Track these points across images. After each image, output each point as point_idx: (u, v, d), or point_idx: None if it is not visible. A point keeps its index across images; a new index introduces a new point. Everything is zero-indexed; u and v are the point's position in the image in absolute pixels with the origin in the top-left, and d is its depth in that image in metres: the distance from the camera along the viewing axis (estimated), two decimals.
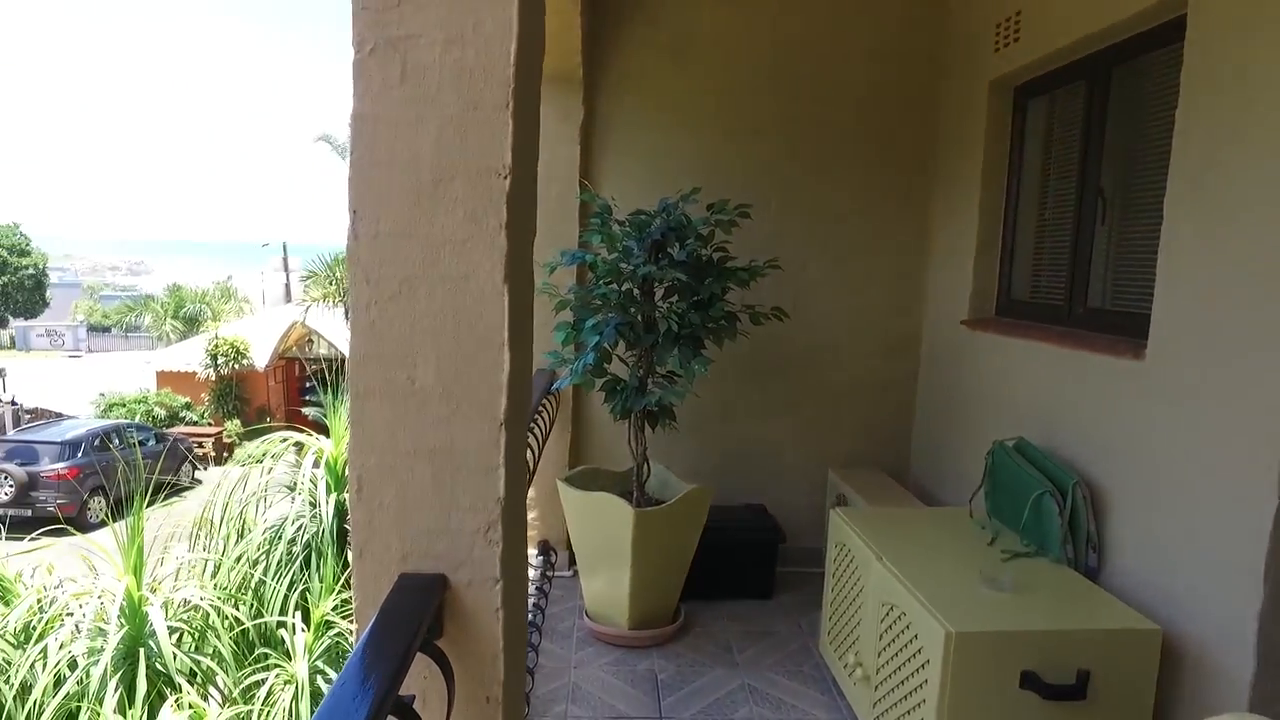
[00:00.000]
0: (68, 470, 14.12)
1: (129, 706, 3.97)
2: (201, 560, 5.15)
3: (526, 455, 1.88)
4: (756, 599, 4.04)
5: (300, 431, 5.85)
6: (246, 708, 3.94)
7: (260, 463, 5.63)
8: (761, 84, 4.20)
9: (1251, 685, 2.07)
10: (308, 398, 19.17)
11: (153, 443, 15.21)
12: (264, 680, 4.15)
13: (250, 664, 4.43)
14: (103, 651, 4.12)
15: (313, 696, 4.00)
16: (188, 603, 4.61)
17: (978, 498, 3.22)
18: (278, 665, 4.22)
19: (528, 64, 1.33)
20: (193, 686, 4.16)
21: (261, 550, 5.05)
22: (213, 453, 18.51)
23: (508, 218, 1.29)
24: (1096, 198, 3.07)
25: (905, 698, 2.50)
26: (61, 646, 4.23)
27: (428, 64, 1.28)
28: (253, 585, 4.90)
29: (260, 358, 20.18)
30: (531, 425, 3.10)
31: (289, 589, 4.82)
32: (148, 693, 4.04)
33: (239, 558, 4.99)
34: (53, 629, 4.40)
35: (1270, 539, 2.01)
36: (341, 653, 4.34)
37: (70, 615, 4.55)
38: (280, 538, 5.05)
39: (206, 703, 4.10)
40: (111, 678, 4.03)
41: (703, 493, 3.56)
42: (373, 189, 1.30)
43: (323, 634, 4.26)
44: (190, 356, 20.64)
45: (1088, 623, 2.37)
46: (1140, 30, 2.75)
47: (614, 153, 4.22)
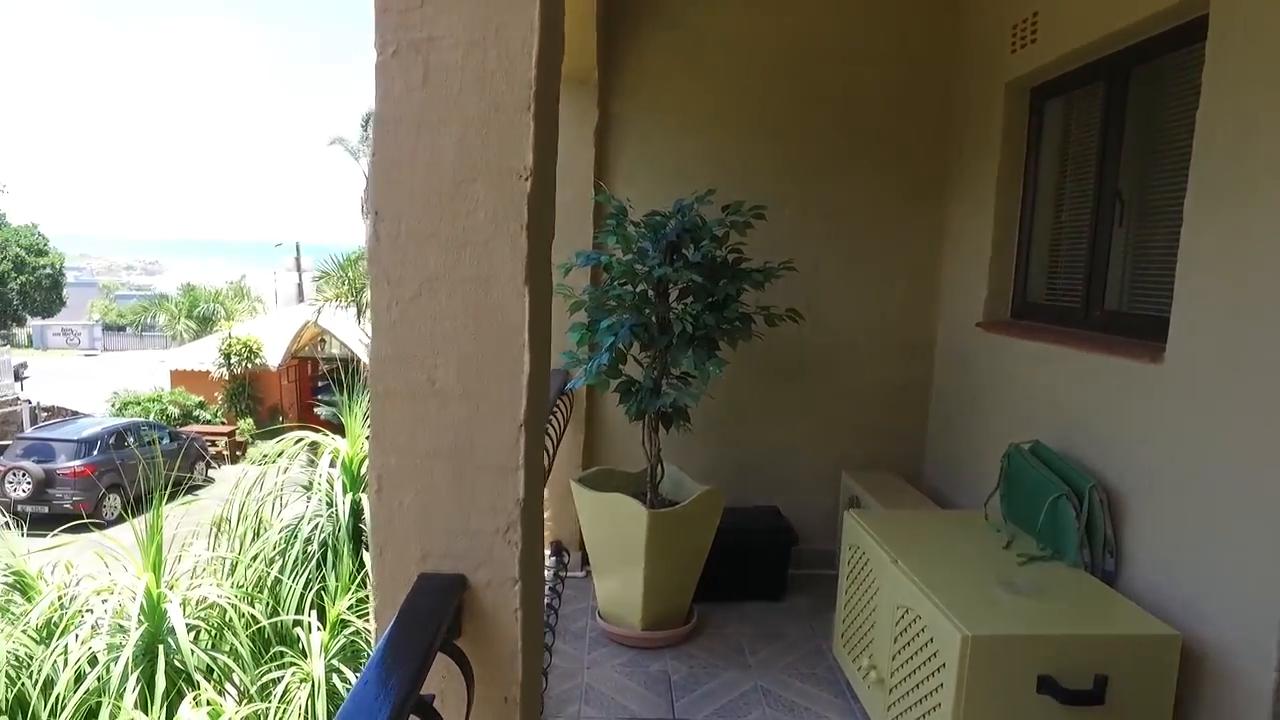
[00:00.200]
0: (84, 468, 14.26)
1: (149, 702, 4.01)
2: (219, 558, 5.19)
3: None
4: (769, 601, 4.04)
5: (314, 431, 5.87)
6: (264, 705, 3.97)
7: (276, 461, 5.66)
8: (776, 85, 4.19)
9: (1274, 694, 2.04)
10: (320, 397, 19.33)
11: (167, 441, 15.34)
12: (280, 678, 4.18)
13: (267, 662, 4.46)
14: (123, 648, 4.16)
15: (329, 695, 4.03)
16: (204, 600, 4.65)
17: (993, 501, 3.20)
18: (294, 663, 4.24)
19: (548, 66, 1.33)
20: (210, 683, 4.19)
21: (278, 549, 5.08)
22: (226, 451, 18.64)
23: (529, 219, 1.29)
24: (1114, 200, 3.05)
25: (920, 701, 2.48)
26: (81, 643, 4.27)
27: (450, 66, 1.28)
28: (269, 584, 4.93)
29: (273, 357, 20.29)
30: (546, 426, 3.10)
31: (305, 588, 4.85)
32: (166, 689, 4.07)
33: (255, 556, 5.02)
34: (74, 625, 4.44)
35: None
36: (357, 652, 4.36)
37: (89, 612, 4.59)
38: (296, 537, 5.08)
39: (223, 699, 4.13)
40: (131, 674, 4.07)
41: (716, 494, 3.55)
42: (395, 190, 1.30)
43: (338, 633, 4.29)
44: (204, 356, 20.77)
45: (1106, 628, 2.35)
46: (1160, 30, 2.72)
47: (629, 154, 4.22)
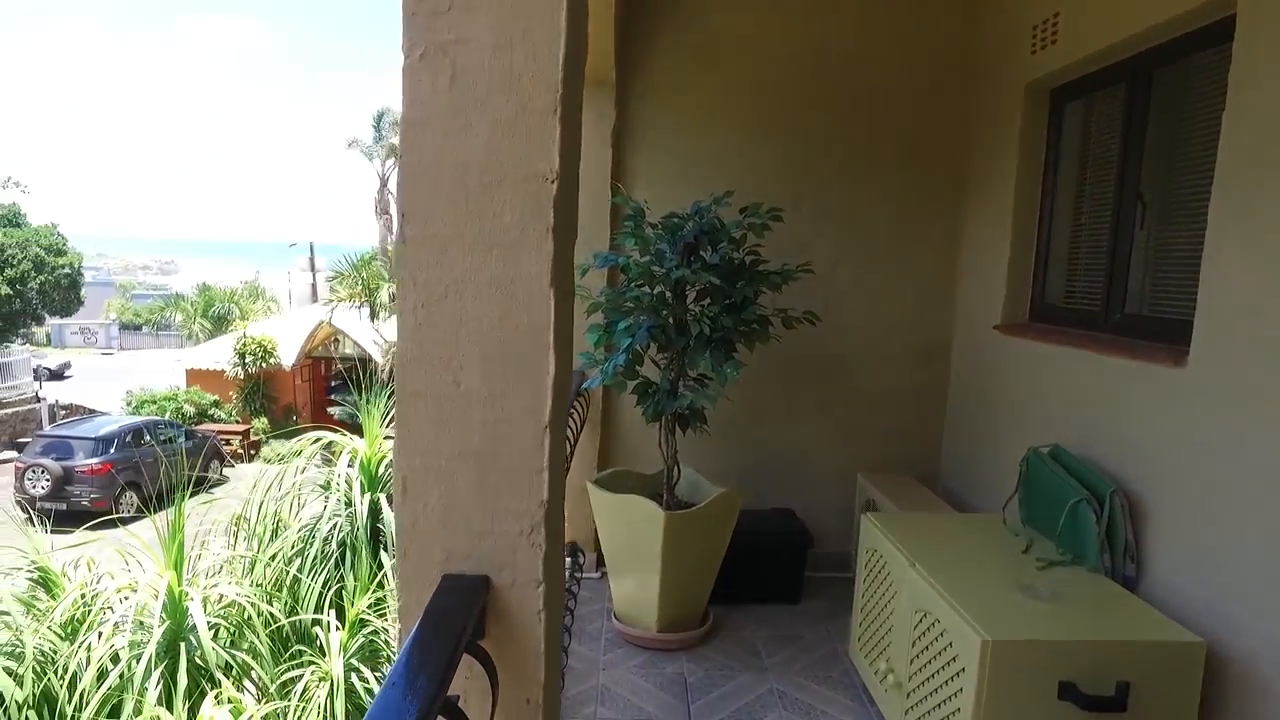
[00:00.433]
0: (101, 465, 14.40)
1: (171, 699, 4.04)
2: (238, 557, 5.22)
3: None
4: (784, 603, 4.03)
5: (332, 430, 5.90)
6: (284, 703, 4.00)
7: (293, 460, 5.69)
8: (794, 87, 4.18)
9: None
10: (333, 396, 19.41)
11: (182, 439, 15.46)
12: (299, 677, 4.21)
13: (286, 660, 4.49)
14: (145, 645, 4.19)
15: (347, 694, 4.05)
16: (223, 598, 4.68)
17: (1011, 505, 3.18)
18: (312, 662, 4.27)
19: (573, 68, 1.33)
20: (229, 681, 4.22)
21: (296, 548, 5.10)
22: (240, 450, 18.76)
23: (555, 222, 1.30)
24: (1136, 202, 3.02)
25: (939, 706, 2.47)
26: (103, 639, 4.30)
27: (477, 68, 1.28)
28: (287, 582, 4.96)
29: (287, 356, 20.41)
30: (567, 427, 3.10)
31: (323, 587, 4.87)
32: (188, 687, 4.10)
33: (274, 555, 5.05)
34: (97, 623, 4.48)
35: None
36: (375, 651, 4.38)
37: (111, 609, 4.63)
38: (315, 536, 5.10)
39: (242, 696, 4.16)
40: (154, 671, 4.10)
41: (733, 496, 3.55)
42: (422, 192, 1.30)
43: (357, 632, 4.31)
44: (219, 355, 20.90)
45: (1128, 634, 2.32)
46: (1185, 31, 2.70)
47: (645, 155, 4.22)
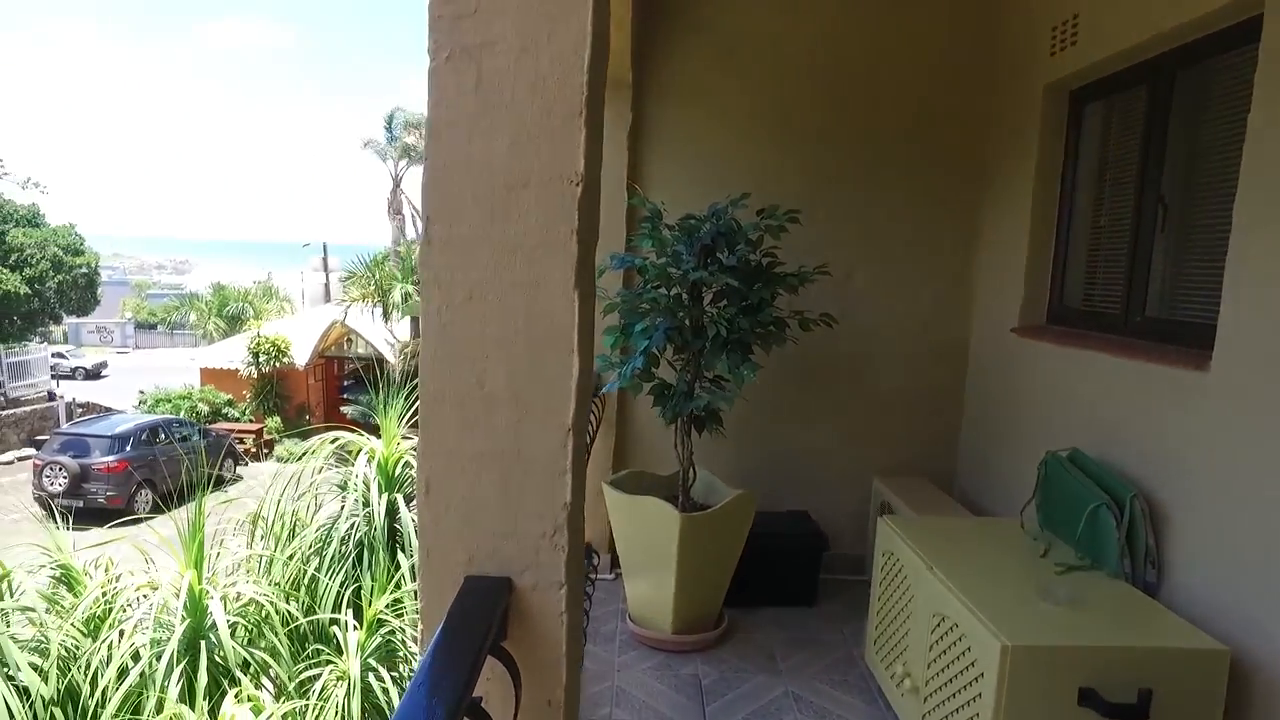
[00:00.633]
0: (117, 463, 14.52)
1: (192, 697, 4.07)
2: (256, 555, 5.25)
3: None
4: (799, 606, 4.02)
5: (348, 430, 5.92)
6: (302, 702, 4.02)
7: (310, 460, 5.70)
8: (810, 88, 4.17)
9: None
10: (346, 395, 19.49)
11: (196, 438, 15.57)
12: (317, 676, 4.23)
13: (304, 659, 4.51)
14: (165, 643, 4.22)
15: (364, 694, 4.07)
16: (240, 596, 4.71)
17: (1029, 509, 3.16)
18: (330, 661, 4.29)
19: (597, 71, 1.33)
20: (248, 679, 4.25)
21: (314, 548, 5.12)
22: (253, 449, 18.87)
23: (579, 224, 1.30)
24: (1157, 204, 3.00)
25: (956, 711, 2.45)
26: (124, 636, 4.33)
27: (503, 71, 1.28)
28: (305, 582, 4.98)
29: (300, 356, 20.51)
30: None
31: (341, 586, 4.89)
32: (208, 685, 4.13)
33: (292, 555, 5.07)
34: (119, 621, 4.51)
35: None
36: (392, 651, 4.40)
37: (132, 606, 4.66)
38: (333, 535, 5.12)
39: (260, 694, 4.18)
40: (174, 668, 4.13)
41: (748, 498, 3.54)
42: (447, 194, 1.30)
43: (375, 632, 4.32)
44: (233, 354, 21.00)
45: (1150, 640, 2.30)
46: (1209, 31, 2.67)
47: (661, 157, 4.22)
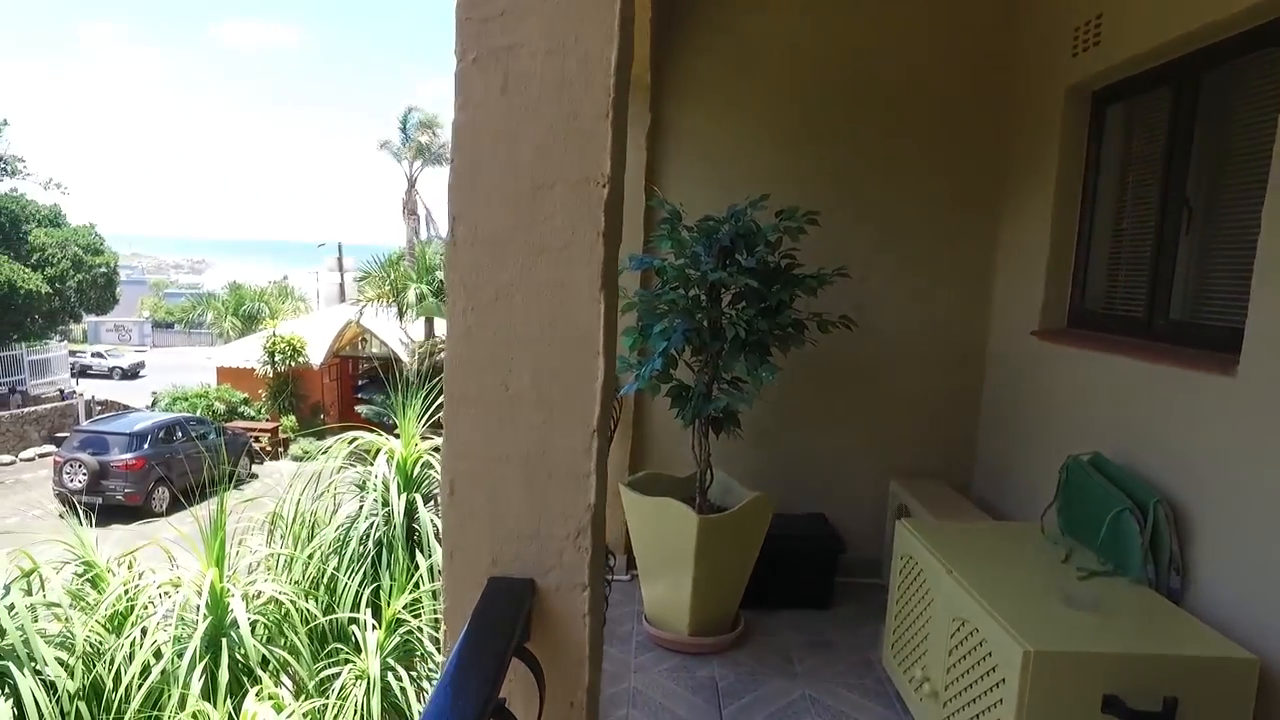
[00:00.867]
0: (135, 460, 14.67)
1: (213, 694, 4.10)
2: (276, 554, 5.29)
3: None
4: (815, 608, 4.00)
5: (365, 430, 5.95)
6: (322, 701, 4.04)
7: (329, 460, 5.74)
8: (829, 90, 4.16)
9: None
10: (361, 395, 19.59)
11: (213, 436, 15.70)
12: (337, 674, 4.25)
13: (323, 658, 4.54)
14: (187, 640, 4.26)
15: (383, 693, 4.08)
16: (260, 594, 4.74)
17: (1050, 513, 3.13)
18: (349, 660, 4.31)
19: (623, 73, 1.33)
20: (268, 677, 4.28)
21: (333, 547, 5.15)
22: (269, 447, 19.01)
23: (605, 226, 1.29)
24: (1181, 207, 2.96)
25: (977, 716, 2.43)
26: (146, 633, 4.37)
27: (529, 73, 1.28)
28: (324, 580, 5.01)
29: (315, 355, 20.64)
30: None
31: (360, 585, 4.92)
32: (229, 682, 4.17)
33: (311, 554, 5.10)
34: (141, 618, 4.55)
35: None
36: (411, 650, 4.42)
37: (154, 603, 4.71)
38: (352, 535, 5.14)
39: (280, 692, 4.21)
40: (196, 665, 4.17)
41: (765, 501, 3.53)
42: (473, 196, 1.31)
43: (394, 631, 4.34)
44: (249, 353, 21.17)
45: (1175, 647, 2.26)
46: (1236, 32, 2.64)
47: (679, 158, 4.22)
